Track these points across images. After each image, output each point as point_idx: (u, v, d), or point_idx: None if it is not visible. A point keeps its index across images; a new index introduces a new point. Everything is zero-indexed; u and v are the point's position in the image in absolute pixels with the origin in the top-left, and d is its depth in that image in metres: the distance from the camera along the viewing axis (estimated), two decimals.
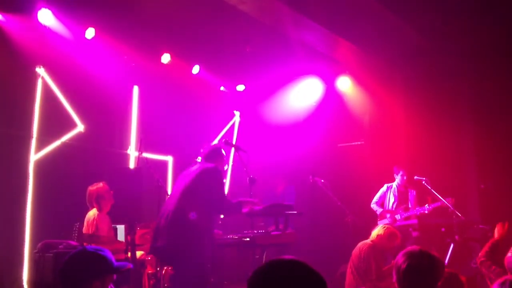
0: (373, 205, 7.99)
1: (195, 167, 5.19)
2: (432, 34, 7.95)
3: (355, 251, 6.02)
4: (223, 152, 5.38)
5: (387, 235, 6.02)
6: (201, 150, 5.39)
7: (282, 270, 1.83)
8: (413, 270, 2.84)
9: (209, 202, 4.90)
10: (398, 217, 7.64)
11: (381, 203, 7.97)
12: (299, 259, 1.87)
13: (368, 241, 6.06)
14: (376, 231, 6.10)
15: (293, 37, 7.74)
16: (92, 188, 6.00)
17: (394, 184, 7.94)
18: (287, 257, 1.89)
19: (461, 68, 8.67)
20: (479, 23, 7.40)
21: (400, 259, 2.93)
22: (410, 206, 7.72)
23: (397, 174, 7.89)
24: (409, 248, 3.01)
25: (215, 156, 5.26)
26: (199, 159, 5.58)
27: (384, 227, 6.16)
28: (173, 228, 4.79)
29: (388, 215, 7.74)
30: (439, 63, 8.61)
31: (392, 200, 7.86)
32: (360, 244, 6.08)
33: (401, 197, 7.83)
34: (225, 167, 5.56)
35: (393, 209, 7.79)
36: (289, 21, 7.15)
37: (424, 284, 2.85)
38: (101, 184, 6.03)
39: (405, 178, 7.80)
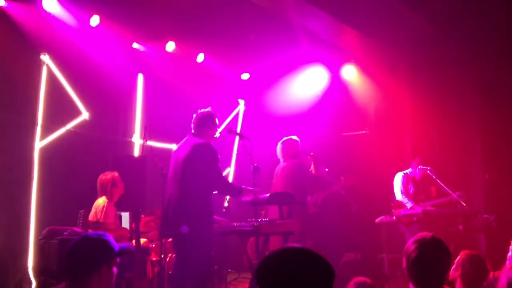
0: (404, 199, 7.21)
1: (184, 141, 5.09)
2: (438, 21, 7.86)
3: None
4: (216, 120, 5.23)
5: None
6: (193, 117, 5.23)
7: (291, 258, 1.85)
8: (423, 258, 2.75)
9: (205, 180, 4.84)
10: (424, 205, 7.18)
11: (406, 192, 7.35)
12: (307, 248, 1.90)
13: None
14: None
15: (298, 25, 7.68)
16: (106, 176, 6.01)
17: (409, 172, 7.46)
18: (295, 245, 1.92)
19: (468, 56, 8.58)
20: (486, 10, 7.32)
21: (410, 246, 2.83)
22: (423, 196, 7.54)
23: (421, 166, 7.33)
24: (420, 234, 2.87)
25: (206, 124, 5.14)
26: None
27: None
28: (176, 216, 4.80)
29: (411, 205, 7.16)
30: (445, 51, 8.53)
31: (412, 189, 7.40)
32: None
33: (416, 186, 7.57)
34: (217, 135, 5.32)
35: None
36: (293, 8, 7.10)
37: (433, 272, 2.77)
38: (116, 174, 6.07)
39: (428, 172, 7.26)
